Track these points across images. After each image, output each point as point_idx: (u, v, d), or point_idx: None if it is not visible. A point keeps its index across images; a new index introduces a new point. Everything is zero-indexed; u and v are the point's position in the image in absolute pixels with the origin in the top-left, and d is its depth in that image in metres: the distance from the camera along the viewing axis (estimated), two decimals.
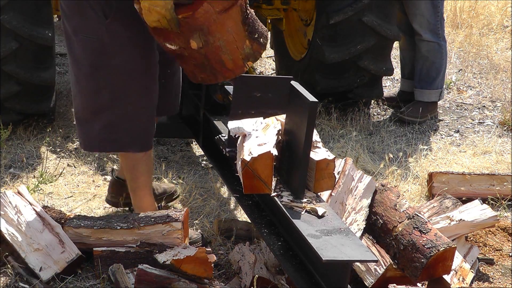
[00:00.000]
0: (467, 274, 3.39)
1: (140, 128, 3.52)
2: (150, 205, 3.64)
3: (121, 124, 3.47)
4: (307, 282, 2.87)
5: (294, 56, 5.83)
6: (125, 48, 3.35)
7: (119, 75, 3.39)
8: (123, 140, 3.51)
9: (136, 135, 3.52)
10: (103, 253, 3.27)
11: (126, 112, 3.45)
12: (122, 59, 3.36)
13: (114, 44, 3.33)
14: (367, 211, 3.39)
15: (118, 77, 3.39)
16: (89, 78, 3.40)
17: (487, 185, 4.29)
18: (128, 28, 3.33)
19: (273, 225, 3.18)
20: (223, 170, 3.72)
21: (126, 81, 3.41)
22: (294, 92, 3.04)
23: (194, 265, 3.02)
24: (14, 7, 4.60)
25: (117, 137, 3.49)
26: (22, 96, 4.79)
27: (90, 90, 3.43)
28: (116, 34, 3.32)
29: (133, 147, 3.54)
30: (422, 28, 5.53)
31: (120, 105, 3.43)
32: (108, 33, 3.31)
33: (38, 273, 3.22)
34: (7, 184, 4.24)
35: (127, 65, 3.38)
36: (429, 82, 5.63)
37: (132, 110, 3.46)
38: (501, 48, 7.65)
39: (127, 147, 3.54)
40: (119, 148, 3.58)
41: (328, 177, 3.04)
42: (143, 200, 3.64)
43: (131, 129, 3.49)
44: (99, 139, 3.50)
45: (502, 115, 5.71)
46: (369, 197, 3.45)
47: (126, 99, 3.44)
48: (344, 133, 5.23)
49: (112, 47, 3.33)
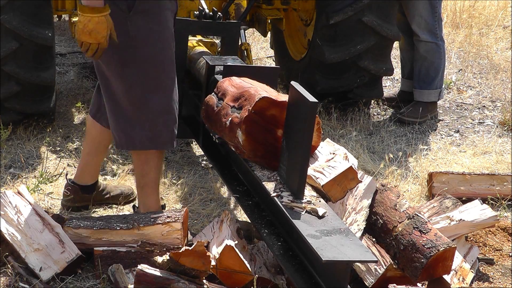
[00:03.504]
0: (467, 274, 3.39)
1: (173, 122, 3.52)
2: (155, 203, 3.64)
3: (156, 120, 3.46)
4: (307, 282, 2.87)
5: (294, 56, 5.84)
6: (151, 40, 3.37)
7: (148, 68, 3.39)
8: (161, 137, 3.49)
9: (172, 131, 3.51)
10: (104, 253, 3.27)
11: (159, 107, 3.45)
12: (149, 51, 3.37)
13: (140, 36, 3.34)
14: (367, 212, 3.39)
15: (147, 71, 3.39)
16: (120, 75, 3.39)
17: (487, 185, 4.29)
18: (151, 20, 3.35)
19: (273, 225, 3.18)
20: (223, 170, 3.72)
21: (155, 74, 3.41)
22: (293, 92, 3.04)
23: (192, 259, 3.03)
24: (14, 7, 4.60)
25: (155, 134, 3.48)
26: (22, 96, 4.79)
27: (123, 89, 3.42)
28: (140, 26, 3.33)
29: (169, 144, 3.53)
30: (420, 29, 5.53)
31: (153, 99, 3.43)
32: (132, 26, 3.32)
33: (38, 273, 3.22)
34: (7, 184, 4.24)
35: (155, 57, 3.39)
36: (428, 82, 5.64)
37: (165, 104, 3.46)
38: (501, 48, 7.65)
39: (165, 145, 3.53)
40: (157, 147, 3.53)
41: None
42: (149, 197, 3.64)
43: (167, 125, 3.48)
44: (137, 137, 3.48)
45: (502, 115, 5.71)
46: (370, 197, 3.45)
47: (158, 93, 3.43)
48: (344, 133, 5.23)
49: (138, 40, 3.34)
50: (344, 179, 3.13)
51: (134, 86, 3.41)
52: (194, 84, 4.31)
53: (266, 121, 3.13)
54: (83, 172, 3.95)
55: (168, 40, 3.44)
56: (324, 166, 3.18)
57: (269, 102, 3.12)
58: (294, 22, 5.87)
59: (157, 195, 3.66)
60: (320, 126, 3.19)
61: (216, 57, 4.04)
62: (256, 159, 3.20)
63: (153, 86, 3.43)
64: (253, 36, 7.52)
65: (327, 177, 3.11)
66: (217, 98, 3.43)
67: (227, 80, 3.45)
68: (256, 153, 3.17)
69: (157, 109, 3.46)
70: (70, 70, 6.49)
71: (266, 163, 3.20)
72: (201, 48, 4.49)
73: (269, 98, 3.11)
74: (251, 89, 3.21)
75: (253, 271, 3.17)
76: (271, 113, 3.12)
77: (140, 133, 3.48)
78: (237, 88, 3.32)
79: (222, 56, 4.15)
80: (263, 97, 3.11)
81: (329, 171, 3.14)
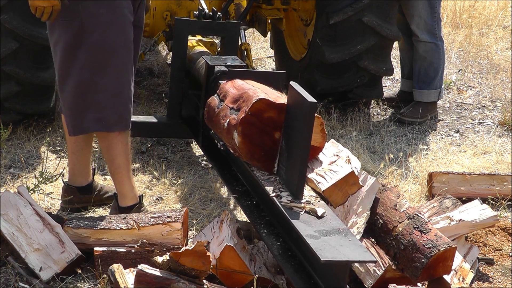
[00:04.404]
0: (467, 274, 3.39)
1: (122, 106, 3.57)
2: (130, 190, 3.67)
3: (104, 102, 3.52)
4: (306, 282, 2.87)
5: (294, 56, 5.84)
6: (102, 25, 3.45)
7: (97, 52, 3.47)
8: (108, 119, 3.55)
9: (120, 113, 3.56)
10: (104, 253, 3.27)
11: (107, 89, 3.51)
12: (99, 35, 3.45)
13: (91, 22, 3.44)
14: (368, 214, 3.37)
15: (97, 54, 3.48)
16: (70, 58, 3.48)
17: (487, 185, 4.29)
18: (103, 6, 3.44)
19: (272, 226, 3.18)
20: (223, 170, 3.72)
21: (104, 58, 3.49)
22: (293, 93, 3.04)
23: (192, 258, 3.03)
24: (14, 7, 4.60)
25: (102, 116, 3.54)
26: (22, 96, 4.79)
27: (73, 70, 3.49)
28: (92, 13, 3.43)
29: (118, 126, 3.57)
30: (419, 29, 5.53)
31: (101, 82, 3.49)
32: (84, 12, 3.42)
33: (38, 273, 3.22)
34: (7, 184, 4.24)
35: (105, 41, 3.47)
36: (427, 82, 5.64)
37: (114, 88, 3.52)
38: (501, 48, 7.65)
39: (112, 127, 3.57)
40: (104, 128, 3.59)
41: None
42: (123, 184, 3.67)
43: (115, 108, 3.54)
44: (85, 120, 3.55)
45: (502, 115, 5.71)
46: (372, 199, 3.42)
47: (107, 76, 3.50)
48: (344, 133, 5.23)
49: (89, 26, 3.44)
50: (345, 184, 3.09)
51: (84, 68, 3.48)
52: (194, 84, 4.31)
53: (263, 123, 3.11)
54: (74, 174, 3.96)
55: (121, 25, 3.51)
56: (326, 170, 3.14)
57: (266, 104, 3.09)
58: (294, 22, 5.87)
59: (129, 181, 3.68)
60: (324, 127, 3.16)
61: (216, 57, 4.04)
62: (253, 162, 3.17)
63: (101, 70, 3.50)
64: (253, 36, 7.52)
65: (328, 182, 3.07)
66: (218, 99, 3.43)
67: (230, 81, 3.44)
68: (253, 155, 3.15)
69: (105, 92, 3.52)
70: None
71: (263, 166, 3.17)
72: (200, 48, 4.50)
73: (266, 100, 3.09)
74: (250, 90, 3.20)
75: (253, 271, 3.17)
76: (268, 115, 3.10)
77: (88, 116, 3.54)
78: (237, 89, 3.31)
79: (222, 56, 4.15)
80: (261, 98, 3.09)
81: (331, 176, 3.10)
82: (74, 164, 3.94)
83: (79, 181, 3.95)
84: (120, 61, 3.54)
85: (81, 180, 3.95)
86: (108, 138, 3.61)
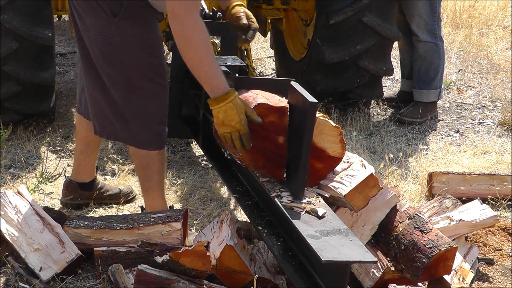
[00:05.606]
0: (467, 274, 3.39)
1: (155, 126, 3.54)
2: (162, 206, 3.66)
3: (137, 121, 3.49)
4: (307, 282, 2.86)
5: (294, 56, 5.84)
6: (134, 46, 3.38)
7: (129, 71, 3.42)
8: (141, 137, 3.52)
9: (152, 133, 3.53)
10: (104, 253, 3.27)
11: (139, 109, 3.47)
12: (131, 56, 3.39)
13: (123, 42, 3.36)
14: (375, 227, 3.25)
15: (129, 74, 3.42)
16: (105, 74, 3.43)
17: (487, 185, 4.29)
18: (136, 26, 3.36)
19: (273, 226, 3.18)
20: (223, 170, 3.72)
21: (136, 78, 3.43)
22: (293, 93, 3.04)
23: (192, 259, 3.03)
24: (14, 7, 4.60)
25: (135, 134, 3.52)
26: (22, 96, 4.79)
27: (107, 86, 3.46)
28: (124, 32, 3.35)
29: (150, 145, 3.55)
30: (419, 29, 5.53)
31: (133, 100, 3.46)
32: (117, 31, 3.34)
33: (38, 273, 3.22)
34: (7, 184, 4.24)
35: (135, 62, 3.41)
36: (427, 82, 5.64)
37: (146, 108, 3.48)
38: (501, 48, 7.65)
39: (144, 145, 3.55)
40: (138, 145, 3.58)
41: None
42: (156, 200, 3.66)
43: (147, 127, 3.51)
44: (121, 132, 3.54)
45: (502, 115, 5.71)
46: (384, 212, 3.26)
47: (139, 96, 3.45)
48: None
49: (121, 45, 3.37)
50: (366, 187, 3.05)
51: (117, 85, 3.44)
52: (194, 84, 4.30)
53: (264, 129, 3.05)
54: (78, 172, 3.99)
55: (154, 47, 3.44)
56: (342, 176, 3.09)
57: (265, 108, 3.03)
58: (294, 22, 5.87)
59: (163, 197, 3.69)
60: (342, 136, 3.08)
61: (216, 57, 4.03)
62: (259, 170, 3.11)
63: (133, 89, 3.45)
64: None
65: (348, 186, 3.01)
66: None
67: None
68: (257, 163, 3.09)
69: (135, 111, 3.48)
70: (70, 70, 6.49)
71: (269, 173, 3.10)
72: None
73: (265, 104, 3.03)
74: (251, 97, 3.15)
75: (253, 271, 3.17)
76: (269, 119, 3.04)
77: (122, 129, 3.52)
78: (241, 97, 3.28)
79: (222, 56, 4.15)
80: (259, 103, 3.03)
81: (349, 180, 3.04)
82: (80, 163, 3.97)
83: (83, 178, 3.99)
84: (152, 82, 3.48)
85: (85, 177, 4.00)
86: (146, 157, 3.58)
